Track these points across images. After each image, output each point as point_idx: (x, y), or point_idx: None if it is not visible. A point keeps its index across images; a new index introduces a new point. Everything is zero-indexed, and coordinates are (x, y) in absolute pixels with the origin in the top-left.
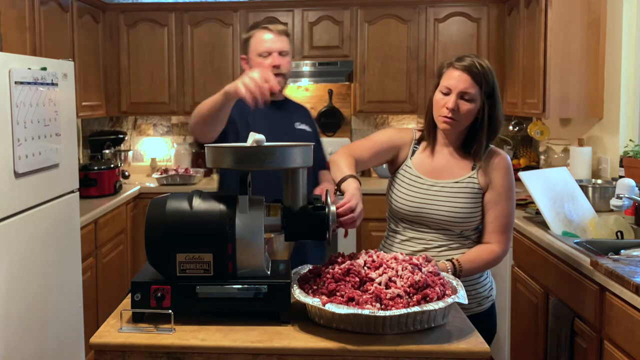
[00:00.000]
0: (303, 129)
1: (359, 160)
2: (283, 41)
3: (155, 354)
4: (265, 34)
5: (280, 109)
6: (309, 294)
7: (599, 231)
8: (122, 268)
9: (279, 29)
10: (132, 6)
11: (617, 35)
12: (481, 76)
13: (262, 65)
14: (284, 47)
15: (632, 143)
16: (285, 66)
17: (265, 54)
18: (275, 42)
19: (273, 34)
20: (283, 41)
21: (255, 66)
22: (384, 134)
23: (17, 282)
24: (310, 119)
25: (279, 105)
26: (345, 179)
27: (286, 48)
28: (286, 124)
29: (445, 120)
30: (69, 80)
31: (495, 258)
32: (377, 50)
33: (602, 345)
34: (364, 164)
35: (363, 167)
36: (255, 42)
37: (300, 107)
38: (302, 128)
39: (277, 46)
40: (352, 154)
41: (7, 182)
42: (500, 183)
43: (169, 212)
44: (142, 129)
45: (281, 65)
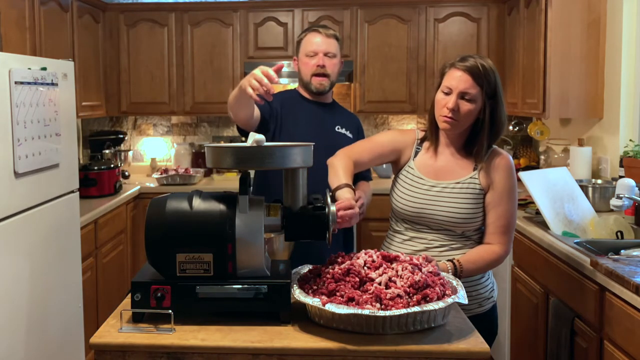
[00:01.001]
0: (343, 133)
1: (357, 162)
2: (330, 44)
3: (155, 354)
4: (315, 37)
5: (325, 110)
6: (309, 294)
7: (599, 231)
8: (122, 268)
9: (329, 32)
10: (132, 6)
11: (617, 35)
12: (483, 77)
13: (308, 65)
14: (330, 49)
15: (632, 143)
16: (331, 67)
17: (312, 54)
18: (321, 45)
19: (321, 36)
20: (330, 44)
21: (302, 66)
22: (386, 135)
23: (17, 281)
24: (355, 126)
25: (325, 107)
26: (341, 187)
27: (333, 50)
28: (327, 125)
29: (446, 120)
30: (69, 80)
31: (497, 259)
32: (377, 50)
33: (602, 345)
34: (363, 165)
35: (362, 168)
36: (305, 43)
37: (347, 114)
38: (342, 132)
39: (323, 47)
40: (350, 157)
41: (7, 182)
42: (502, 184)
43: (169, 212)
44: (142, 129)
45: (326, 66)
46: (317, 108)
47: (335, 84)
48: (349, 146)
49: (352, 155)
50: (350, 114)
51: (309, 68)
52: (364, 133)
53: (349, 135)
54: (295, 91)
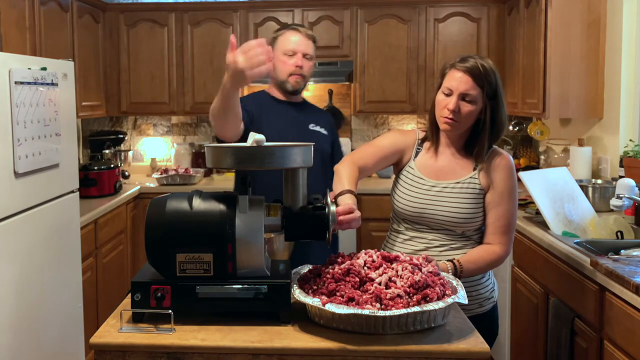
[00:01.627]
0: (318, 130)
1: (363, 168)
2: (309, 45)
3: (155, 354)
4: (294, 35)
5: (297, 109)
6: (309, 294)
7: (599, 231)
8: (122, 268)
9: (308, 33)
10: (132, 6)
11: (617, 35)
12: (483, 78)
13: (286, 64)
14: (308, 51)
15: (632, 143)
16: (307, 69)
17: (291, 53)
18: (301, 44)
19: (301, 35)
20: (309, 45)
21: (278, 64)
22: (387, 138)
23: (17, 282)
24: (328, 123)
25: (297, 106)
26: (343, 193)
27: (311, 52)
28: (301, 124)
29: (446, 121)
30: (69, 80)
31: (497, 259)
32: (377, 50)
33: (602, 345)
34: (369, 170)
35: (368, 173)
36: (283, 40)
37: (319, 111)
38: (316, 130)
39: (302, 48)
40: (355, 163)
41: (7, 182)
42: (502, 184)
43: (169, 212)
44: (142, 129)
45: (304, 67)
46: (289, 108)
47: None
48: (351, 153)
49: (358, 162)
50: (322, 111)
51: (287, 67)
52: (335, 129)
53: (324, 132)
54: (265, 92)
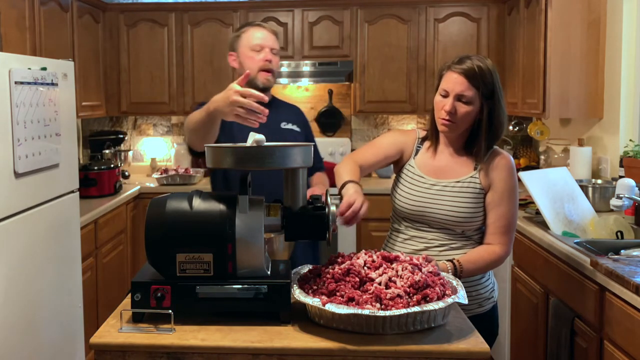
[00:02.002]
0: (290, 128)
1: (363, 165)
2: (275, 40)
3: (155, 354)
4: (259, 31)
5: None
6: (309, 294)
7: (599, 231)
8: (122, 268)
9: (272, 28)
10: (132, 6)
11: (617, 35)
12: (479, 78)
13: (254, 60)
14: (275, 45)
15: (632, 143)
16: (276, 64)
17: (258, 48)
18: (267, 39)
19: (266, 30)
20: (275, 40)
21: (246, 60)
22: (387, 137)
23: (17, 282)
24: (300, 118)
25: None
26: (345, 184)
27: (277, 47)
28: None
29: (444, 123)
30: (69, 80)
31: (497, 259)
32: (377, 50)
33: (602, 345)
34: (369, 168)
35: (368, 170)
36: (248, 37)
37: (289, 107)
38: (289, 128)
39: (270, 43)
40: (355, 161)
41: (7, 182)
42: (502, 184)
43: (169, 212)
44: (142, 129)
45: (272, 62)
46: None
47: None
48: (351, 153)
49: (358, 159)
50: (292, 107)
51: (256, 63)
52: (308, 122)
53: (297, 130)
54: None
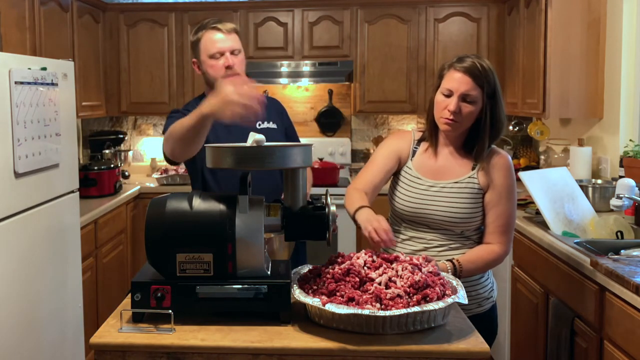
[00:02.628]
0: (267, 127)
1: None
2: (234, 39)
3: (155, 354)
4: (215, 34)
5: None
6: (309, 294)
7: (599, 231)
8: (122, 268)
9: (228, 27)
10: (132, 6)
11: (617, 35)
12: (483, 77)
13: (215, 67)
14: (235, 46)
15: (632, 143)
16: (239, 65)
17: (217, 55)
18: (225, 42)
19: (223, 33)
20: (234, 39)
21: (208, 68)
22: (384, 149)
23: (17, 281)
24: (278, 114)
25: None
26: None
27: (237, 46)
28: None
29: (447, 122)
30: (69, 80)
31: (496, 258)
32: (377, 50)
33: (602, 345)
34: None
35: (375, 192)
36: (205, 43)
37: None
38: (265, 127)
39: (228, 45)
40: (357, 189)
41: (7, 182)
42: (501, 183)
43: (169, 212)
44: (142, 129)
45: (235, 65)
46: None
47: None
48: (353, 181)
49: (359, 187)
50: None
51: (217, 70)
52: (286, 112)
53: (273, 127)
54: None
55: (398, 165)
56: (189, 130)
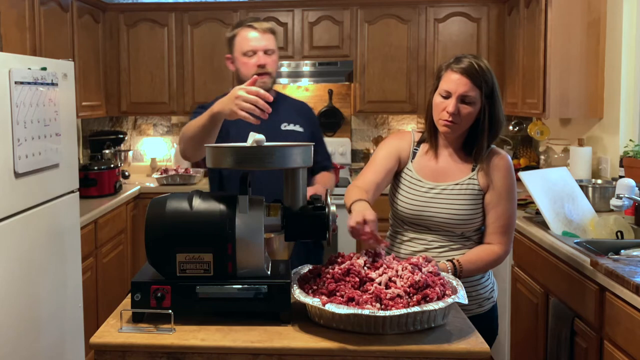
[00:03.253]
0: (291, 129)
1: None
2: (268, 39)
3: (155, 354)
4: (250, 32)
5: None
6: (309, 294)
7: (599, 231)
8: (122, 268)
9: (264, 27)
10: (132, 6)
11: (617, 35)
12: (481, 78)
13: (247, 64)
14: (269, 46)
15: (632, 143)
16: (271, 65)
17: (250, 53)
18: (260, 40)
19: (258, 32)
20: (268, 39)
21: (240, 66)
22: (384, 149)
23: (17, 282)
24: (306, 118)
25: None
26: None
27: (272, 46)
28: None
29: (446, 124)
30: (69, 80)
31: (496, 259)
32: (377, 50)
33: (602, 345)
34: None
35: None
36: (240, 40)
37: (295, 105)
38: (290, 129)
39: (262, 44)
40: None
41: (7, 182)
42: (501, 184)
43: (169, 212)
44: (142, 129)
45: (267, 64)
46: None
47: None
48: (355, 180)
49: (360, 185)
50: (298, 104)
51: (249, 68)
52: (315, 117)
53: (299, 130)
54: None
55: (398, 165)
56: (199, 128)
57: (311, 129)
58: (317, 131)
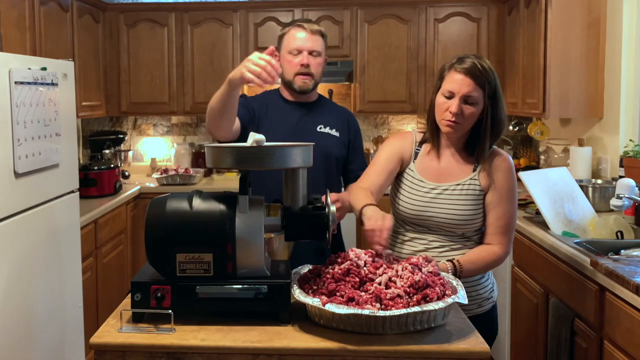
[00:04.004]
0: (326, 132)
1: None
2: (316, 41)
3: (155, 354)
4: (298, 32)
5: (308, 110)
6: (309, 294)
7: (599, 231)
8: (122, 268)
9: (314, 28)
10: (132, 6)
11: (617, 35)
12: (484, 78)
13: (291, 63)
14: (315, 47)
15: (632, 143)
16: (315, 67)
17: (295, 52)
18: (306, 41)
19: (306, 32)
20: (316, 41)
21: (285, 64)
22: (387, 150)
23: (17, 282)
24: (345, 124)
25: (307, 106)
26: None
27: (318, 48)
28: (307, 126)
29: (449, 124)
30: (69, 80)
31: (496, 259)
32: (377, 50)
33: (602, 345)
34: (379, 189)
35: (380, 192)
36: (288, 39)
37: (335, 111)
38: (325, 131)
39: (308, 45)
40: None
41: (7, 182)
42: (501, 184)
43: (169, 212)
44: (142, 129)
45: (310, 65)
46: (297, 109)
47: (319, 83)
48: (358, 180)
49: (364, 185)
50: (339, 110)
51: (293, 66)
52: (357, 125)
53: (334, 134)
54: (277, 92)
55: (400, 166)
56: (220, 98)
57: (349, 136)
58: (356, 140)
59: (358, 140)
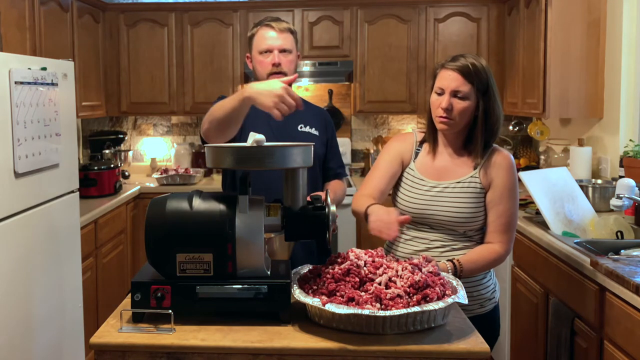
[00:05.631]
0: (307, 131)
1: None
2: (285, 39)
3: (155, 354)
4: (267, 32)
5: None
6: (309, 294)
7: (599, 231)
8: (122, 268)
9: (282, 26)
10: (132, 6)
11: (617, 35)
12: (473, 74)
13: (263, 63)
14: (285, 45)
15: (632, 143)
16: (287, 65)
17: (266, 52)
18: (276, 40)
19: (275, 31)
20: (285, 39)
21: (257, 64)
22: (388, 153)
23: (18, 281)
24: (323, 123)
25: None
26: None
27: (288, 46)
28: (288, 126)
29: (442, 120)
30: (69, 80)
31: (497, 258)
32: (377, 50)
33: (602, 345)
34: (382, 194)
35: (383, 196)
36: (257, 39)
37: (313, 110)
38: (306, 131)
39: (278, 44)
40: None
41: (7, 182)
42: (502, 182)
43: (169, 212)
44: (142, 129)
45: (282, 64)
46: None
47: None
48: (360, 187)
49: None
50: (317, 109)
51: (265, 67)
52: (332, 124)
53: (314, 133)
54: None
55: (402, 168)
56: (229, 109)
57: (327, 135)
58: (332, 138)
59: (334, 139)
